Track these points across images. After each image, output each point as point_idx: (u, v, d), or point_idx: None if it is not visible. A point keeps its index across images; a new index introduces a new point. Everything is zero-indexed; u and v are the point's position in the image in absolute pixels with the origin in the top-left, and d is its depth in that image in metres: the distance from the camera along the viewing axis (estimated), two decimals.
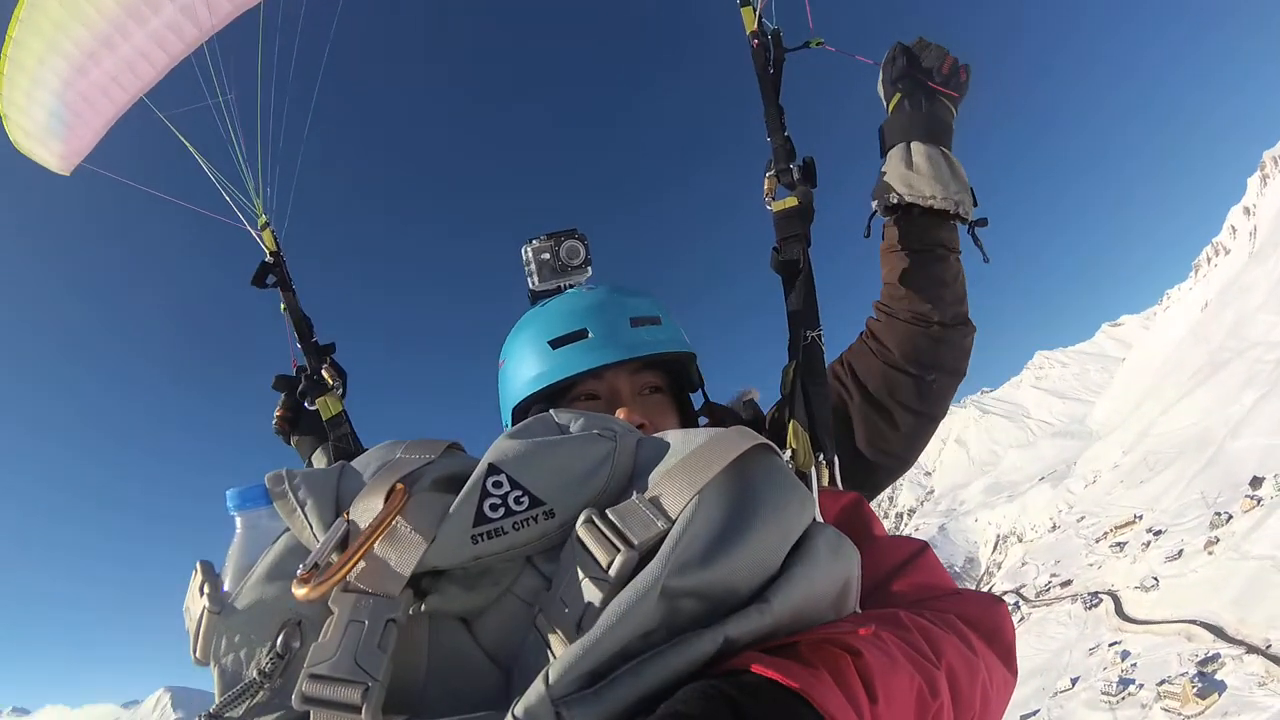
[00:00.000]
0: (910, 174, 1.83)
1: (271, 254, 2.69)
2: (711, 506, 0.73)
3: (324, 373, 2.52)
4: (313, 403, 2.50)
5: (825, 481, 1.65)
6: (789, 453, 1.66)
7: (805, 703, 0.59)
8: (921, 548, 1.03)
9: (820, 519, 0.90)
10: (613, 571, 0.68)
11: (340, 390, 2.54)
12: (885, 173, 1.87)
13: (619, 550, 0.69)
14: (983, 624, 0.89)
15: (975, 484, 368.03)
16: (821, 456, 1.70)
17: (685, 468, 0.77)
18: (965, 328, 1.88)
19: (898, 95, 1.89)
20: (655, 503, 0.73)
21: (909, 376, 1.84)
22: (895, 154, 1.86)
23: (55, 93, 2.75)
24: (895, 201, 1.84)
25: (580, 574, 0.71)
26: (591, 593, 0.69)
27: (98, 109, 2.84)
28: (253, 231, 2.74)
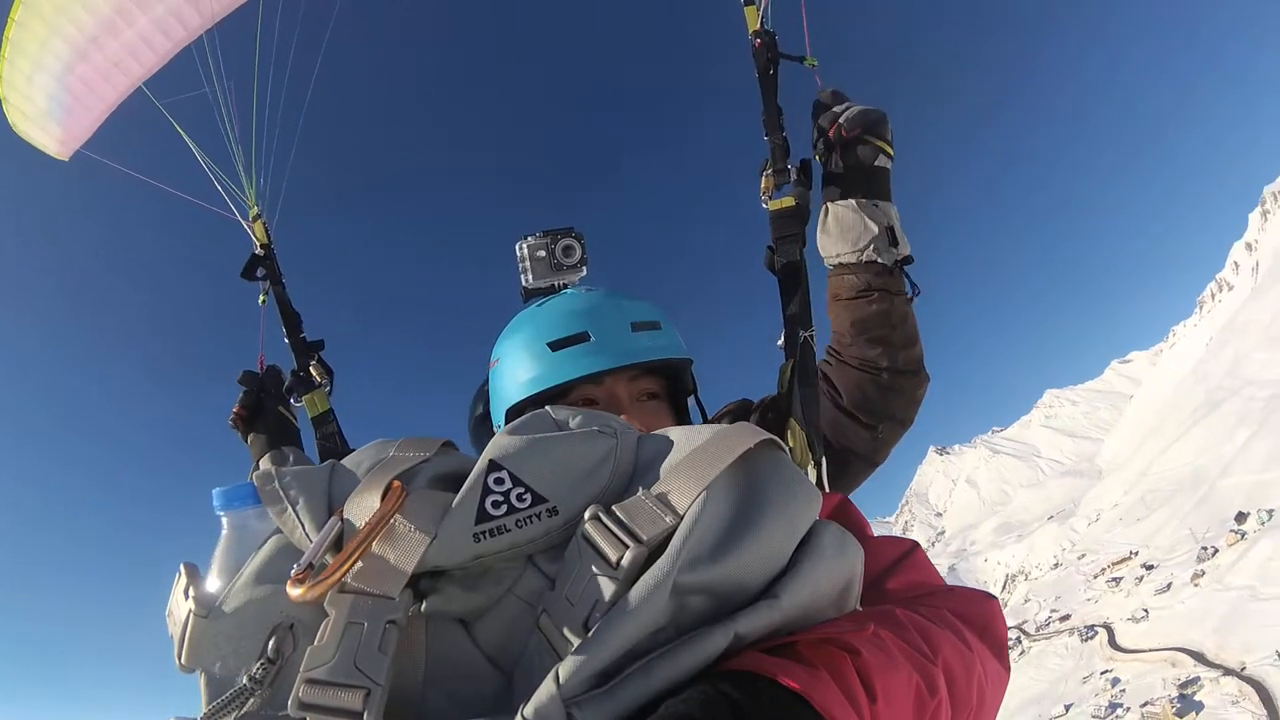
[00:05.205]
0: (821, 237, 1.88)
1: (262, 246, 2.63)
2: (719, 502, 0.73)
3: (311, 369, 2.49)
4: (299, 400, 2.47)
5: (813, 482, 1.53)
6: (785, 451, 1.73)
7: (806, 703, 0.60)
8: (912, 546, 1.03)
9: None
10: (622, 568, 0.67)
11: (327, 387, 2.50)
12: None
13: (628, 547, 0.68)
14: (976, 619, 0.90)
15: (986, 524, 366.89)
16: (812, 457, 1.71)
17: (691, 463, 0.76)
18: (917, 376, 1.85)
19: (816, 157, 1.91)
20: (663, 499, 0.72)
21: (858, 423, 1.82)
22: (819, 217, 1.90)
23: (56, 76, 2.68)
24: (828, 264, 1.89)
25: (587, 572, 0.70)
26: (600, 590, 0.68)
27: (98, 94, 2.78)
28: (244, 223, 2.67)
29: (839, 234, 1.84)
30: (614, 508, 0.73)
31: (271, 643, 0.74)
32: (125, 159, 3.19)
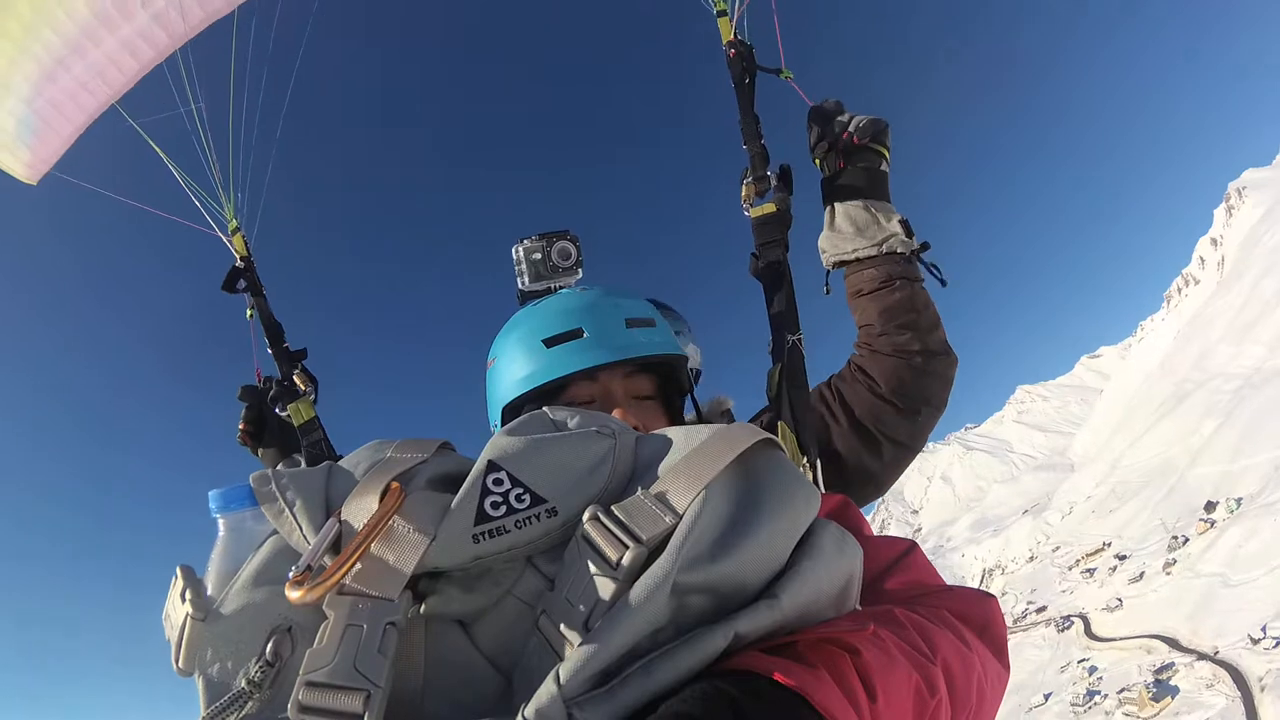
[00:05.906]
0: (833, 236, 1.92)
1: (242, 259, 2.64)
2: (719, 501, 0.72)
3: (295, 379, 2.50)
4: (284, 409, 2.46)
5: None
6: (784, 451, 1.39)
7: (805, 703, 0.60)
8: (911, 546, 1.04)
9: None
10: (622, 568, 0.67)
11: (312, 396, 2.51)
12: (820, 238, 1.96)
13: (628, 547, 0.68)
14: (975, 619, 0.90)
15: (961, 520, 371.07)
16: (805, 459, 1.73)
17: (690, 463, 0.76)
18: (948, 357, 1.89)
19: (818, 161, 1.95)
20: (662, 498, 0.72)
21: (896, 409, 1.83)
22: (826, 218, 1.95)
23: (25, 99, 2.65)
24: (829, 265, 1.96)
25: (587, 572, 0.69)
26: (600, 590, 0.67)
27: (68, 116, 2.77)
28: (223, 237, 2.68)
29: (854, 232, 1.89)
30: (613, 508, 0.73)
31: (270, 645, 0.73)
32: (100, 177, 3.23)
